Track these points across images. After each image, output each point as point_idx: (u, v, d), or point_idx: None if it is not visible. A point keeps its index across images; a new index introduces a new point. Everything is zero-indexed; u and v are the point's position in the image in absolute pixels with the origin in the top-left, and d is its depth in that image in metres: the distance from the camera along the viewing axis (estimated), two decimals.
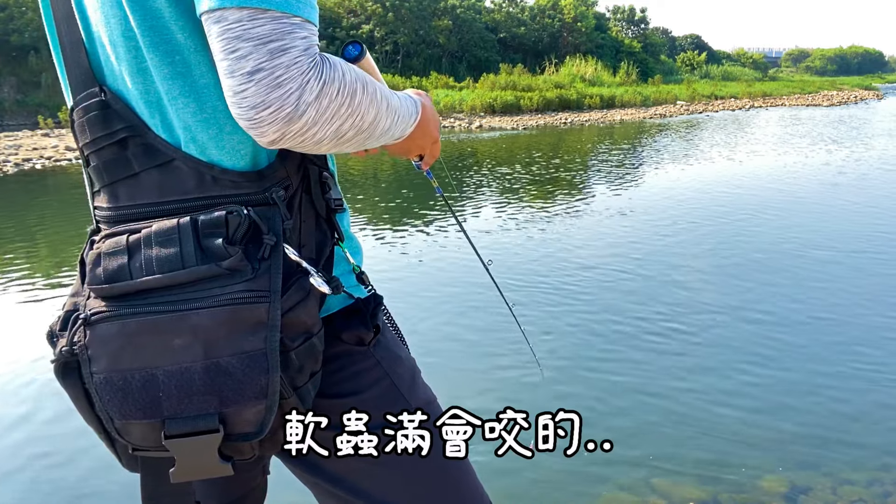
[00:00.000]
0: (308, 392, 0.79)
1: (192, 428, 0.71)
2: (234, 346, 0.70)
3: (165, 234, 0.72)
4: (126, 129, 0.77)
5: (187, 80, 0.74)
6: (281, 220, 0.76)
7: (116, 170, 0.78)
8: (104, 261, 0.73)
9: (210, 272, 0.71)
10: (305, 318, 0.76)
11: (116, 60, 0.77)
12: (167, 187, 0.76)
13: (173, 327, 0.70)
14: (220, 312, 0.70)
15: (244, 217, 0.73)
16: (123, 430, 0.73)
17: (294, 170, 0.81)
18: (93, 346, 0.71)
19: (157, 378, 0.70)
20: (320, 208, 0.86)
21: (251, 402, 0.72)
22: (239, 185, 0.76)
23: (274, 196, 0.76)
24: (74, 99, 0.80)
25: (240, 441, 0.74)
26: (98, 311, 0.71)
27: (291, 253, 0.76)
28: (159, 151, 0.76)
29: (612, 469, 2.64)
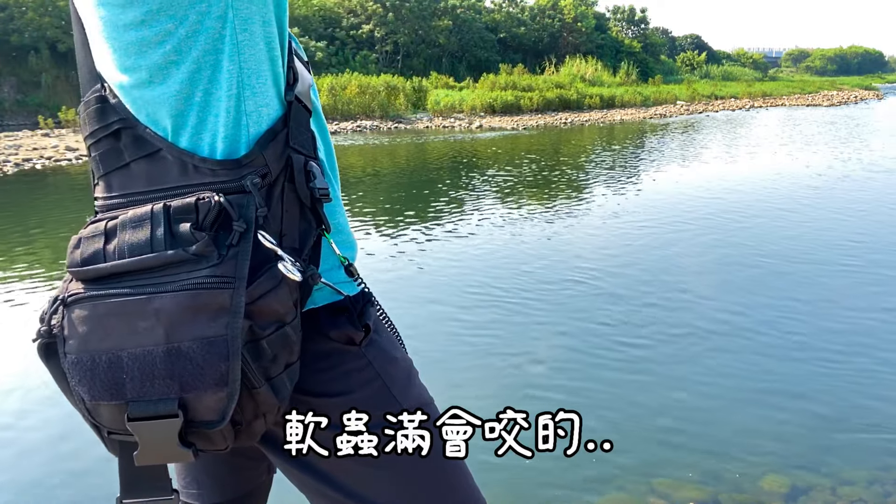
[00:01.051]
0: (283, 383, 0.78)
1: (153, 412, 0.72)
2: (196, 331, 0.71)
3: (139, 220, 0.74)
4: (119, 121, 0.79)
5: (179, 67, 0.76)
6: (255, 207, 0.76)
7: (110, 161, 0.80)
8: (83, 244, 0.75)
9: (177, 257, 0.72)
10: (277, 307, 0.76)
11: (101, 38, 0.79)
12: (154, 177, 0.78)
13: (138, 310, 0.71)
14: (183, 297, 0.71)
15: (214, 203, 0.74)
16: (94, 412, 0.75)
17: (274, 158, 0.81)
18: (67, 327, 0.73)
19: (121, 360, 0.71)
20: (304, 197, 0.85)
21: (211, 389, 0.72)
22: (216, 173, 0.77)
23: (249, 183, 0.77)
24: (83, 96, 0.83)
25: (203, 428, 0.74)
26: (74, 293, 0.73)
27: (267, 241, 0.75)
28: (147, 142, 0.78)
29: (612, 469, 2.64)
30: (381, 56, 27.50)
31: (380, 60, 27.33)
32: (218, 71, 0.77)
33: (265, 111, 0.81)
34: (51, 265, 5.62)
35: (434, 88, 23.45)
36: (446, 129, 18.25)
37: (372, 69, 24.99)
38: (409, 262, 5.59)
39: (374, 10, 27.33)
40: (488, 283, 4.97)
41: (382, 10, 27.45)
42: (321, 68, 23.49)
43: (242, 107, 0.79)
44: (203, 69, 0.76)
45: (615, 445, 1.05)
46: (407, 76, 24.89)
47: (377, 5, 27.41)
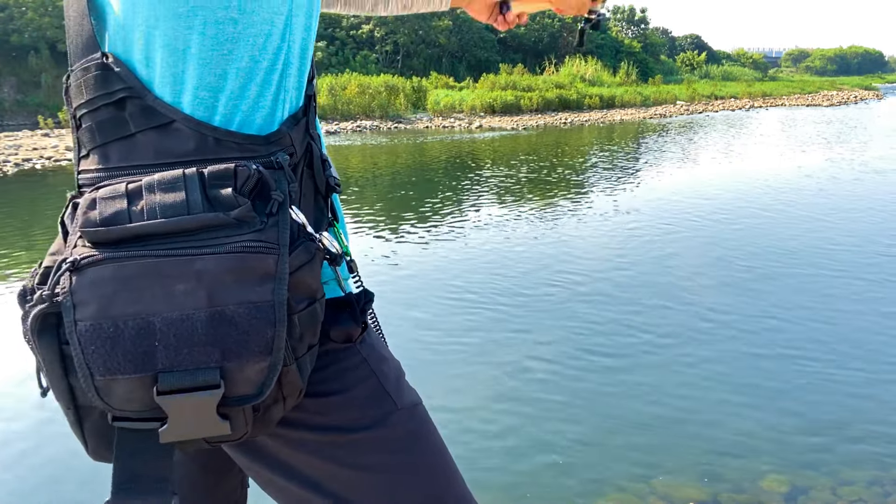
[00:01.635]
0: (306, 365, 0.76)
1: (191, 382, 0.66)
2: (241, 294, 0.67)
3: (170, 182, 0.69)
4: (125, 89, 0.75)
5: (237, 27, 0.75)
6: (287, 182, 0.74)
7: (111, 130, 0.76)
8: (100, 205, 0.69)
9: (217, 220, 0.68)
10: (310, 281, 0.74)
11: (136, 12, 0.75)
12: (164, 149, 0.74)
13: (177, 271, 0.66)
14: (228, 259, 0.67)
15: (253, 171, 0.71)
16: (104, 390, 0.66)
17: (299, 140, 0.81)
18: (80, 291, 0.65)
19: (153, 326, 0.65)
20: (320, 184, 0.85)
21: (255, 358, 0.68)
22: (244, 147, 0.76)
23: (280, 160, 0.76)
24: (71, 66, 0.79)
25: (237, 405, 0.69)
26: (89, 255, 0.66)
27: (298, 215, 0.74)
28: (157, 112, 0.75)
29: (612, 469, 2.64)
30: (381, 56, 27.50)
31: (380, 60, 27.34)
32: (270, 46, 0.77)
33: (295, 95, 0.81)
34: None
35: (434, 88, 23.45)
36: (446, 129, 18.26)
37: (372, 69, 24.99)
38: (407, 262, 5.59)
39: None
40: (487, 283, 4.97)
41: None
42: (321, 68, 23.51)
43: (284, 83, 0.79)
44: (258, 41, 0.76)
45: (615, 445, 1.04)
46: (407, 76, 24.89)
47: None
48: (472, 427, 2.93)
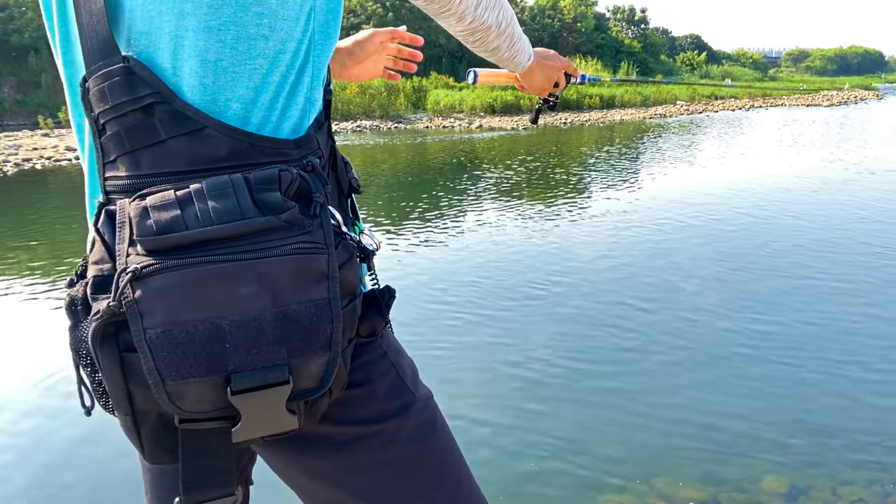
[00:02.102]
0: (347, 358, 0.80)
1: (262, 381, 0.69)
2: (301, 294, 0.70)
3: (219, 188, 0.71)
4: (152, 94, 0.75)
5: (269, 44, 0.77)
6: (322, 183, 0.77)
7: (140, 136, 0.76)
8: (154, 213, 0.70)
9: (270, 224, 0.70)
10: (352, 278, 0.77)
11: (168, 18, 0.76)
12: (197, 155, 0.75)
13: (240, 275, 0.68)
14: (287, 261, 0.70)
15: (295, 175, 0.74)
16: (176, 395, 0.68)
17: (324, 143, 0.85)
18: (146, 300, 0.66)
19: (222, 329, 0.67)
20: (344, 185, 0.89)
21: (317, 353, 0.71)
22: (278, 151, 0.78)
23: (311, 162, 0.78)
24: (88, 69, 0.78)
25: (301, 398, 0.73)
26: (149, 264, 0.67)
27: (336, 214, 0.77)
28: (188, 118, 0.75)
29: (612, 469, 2.64)
30: None
31: None
32: (298, 60, 0.80)
33: (319, 100, 0.85)
34: (51, 265, 5.62)
35: (434, 88, 23.46)
36: (446, 129, 18.26)
37: None
38: (406, 262, 5.59)
39: (373, 10, 27.34)
40: (486, 282, 4.97)
41: (382, 10, 27.45)
42: None
43: (312, 94, 0.83)
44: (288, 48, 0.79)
45: (615, 445, 1.05)
46: (407, 76, 24.88)
47: (377, 5, 27.42)
48: (471, 427, 2.93)
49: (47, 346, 3.75)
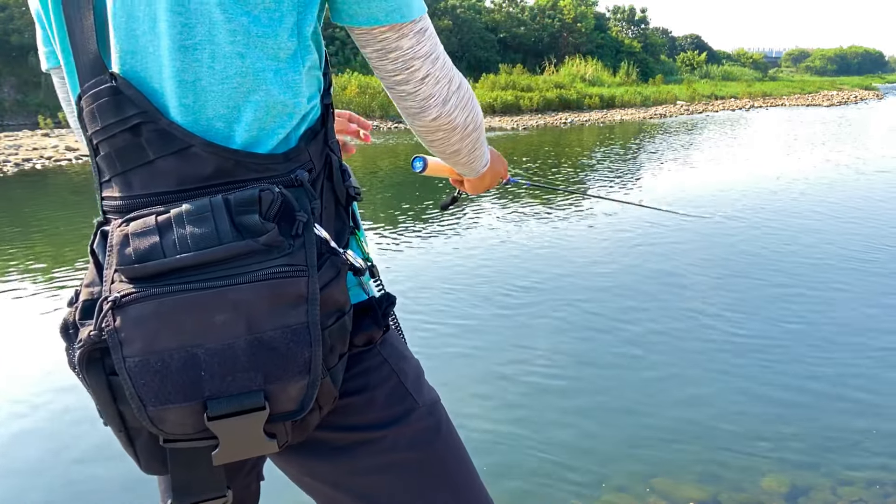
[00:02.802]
0: (338, 374, 0.79)
1: (238, 407, 0.70)
2: (277, 320, 0.70)
3: (198, 213, 0.71)
4: (139, 114, 0.76)
5: (245, 61, 0.75)
6: (308, 199, 0.76)
7: (130, 157, 0.77)
8: (133, 241, 0.71)
9: (247, 248, 0.70)
10: (338, 296, 0.76)
11: (148, 38, 0.76)
12: (185, 175, 0.76)
13: (214, 303, 0.68)
14: (262, 287, 0.69)
15: (276, 195, 0.73)
16: (157, 419, 0.70)
17: (317, 154, 0.83)
18: (125, 329, 0.67)
19: (198, 357, 0.68)
20: (341, 195, 0.87)
21: (295, 378, 0.71)
22: (264, 167, 0.77)
23: (299, 177, 0.77)
24: (82, 87, 0.78)
25: (281, 420, 0.73)
26: (128, 292, 0.68)
27: (321, 231, 0.76)
28: (175, 138, 0.75)
29: (612, 469, 2.64)
30: None
31: None
32: (282, 76, 0.78)
33: (311, 110, 0.83)
34: (51, 265, 5.61)
35: None
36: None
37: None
38: (406, 262, 5.59)
39: None
40: (486, 282, 4.97)
41: None
42: None
43: (298, 106, 0.80)
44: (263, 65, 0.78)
45: (615, 445, 1.05)
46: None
47: None
48: (470, 427, 2.94)
49: (47, 346, 3.75)
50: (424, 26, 0.83)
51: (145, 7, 0.75)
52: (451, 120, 0.89)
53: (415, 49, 0.83)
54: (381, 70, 0.85)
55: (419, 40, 0.83)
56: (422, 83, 0.85)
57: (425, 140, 0.93)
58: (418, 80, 0.84)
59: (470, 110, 0.92)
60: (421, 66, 0.83)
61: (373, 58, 0.84)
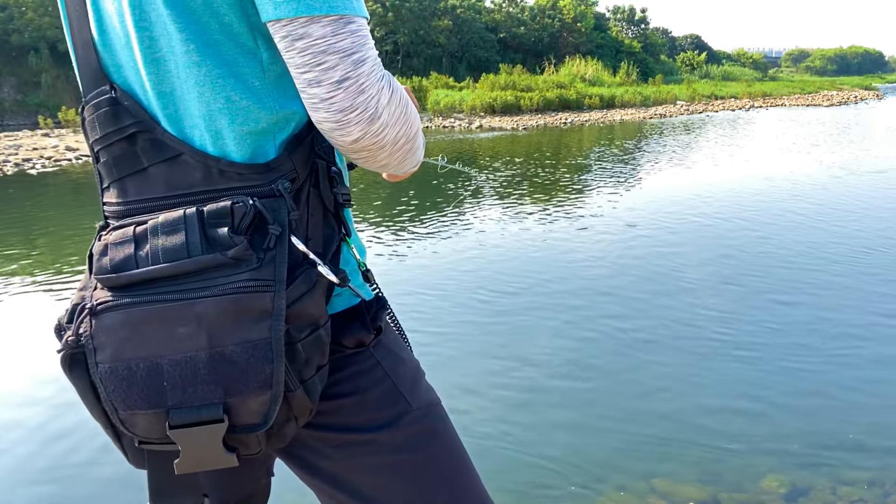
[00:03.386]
0: (315, 386, 0.79)
1: (197, 418, 0.71)
2: (239, 335, 0.70)
3: (171, 225, 0.72)
4: (135, 124, 0.78)
5: (202, 70, 0.75)
6: (287, 211, 0.76)
7: (125, 165, 0.79)
8: (111, 251, 0.73)
9: (215, 261, 0.71)
10: (312, 310, 0.76)
11: (126, 53, 0.79)
12: (174, 181, 0.77)
13: (178, 316, 0.70)
14: (225, 301, 0.70)
15: (249, 207, 0.73)
16: (128, 422, 0.73)
17: (302, 163, 0.81)
18: (98, 335, 0.70)
19: (161, 367, 0.70)
20: (328, 202, 0.85)
21: (255, 392, 0.71)
22: (245, 177, 0.77)
23: (280, 188, 0.77)
24: (85, 97, 0.82)
25: (245, 433, 0.74)
26: (104, 300, 0.71)
27: (298, 244, 0.76)
28: (167, 146, 0.77)
29: (612, 469, 2.64)
30: (381, 56, 27.46)
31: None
32: (248, 83, 0.78)
33: (294, 116, 0.81)
34: (51, 265, 5.61)
35: (434, 88, 23.45)
36: (446, 129, 18.26)
37: None
38: (405, 262, 5.59)
39: (373, 10, 27.33)
40: (486, 282, 4.97)
41: (382, 9, 27.45)
42: None
43: (275, 113, 0.79)
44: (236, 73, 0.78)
45: (615, 445, 1.05)
46: (407, 76, 24.90)
47: (377, 5, 27.41)
48: (470, 427, 2.94)
49: (47, 346, 3.75)
50: (349, 22, 0.73)
51: (119, 24, 0.78)
52: (379, 141, 0.77)
53: (328, 41, 0.72)
54: (290, 66, 0.74)
55: (335, 31, 0.72)
56: (338, 88, 0.72)
57: (350, 155, 0.81)
58: (333, 82, 0.72)
59: (403, 122, 0.79)
60: (337, 63, 0.72)
61: (282, 50, 0.74)
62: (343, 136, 0.75)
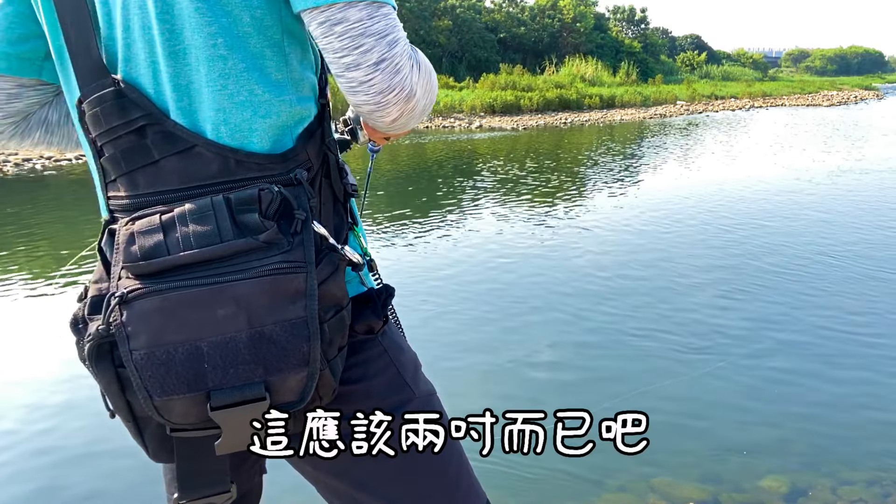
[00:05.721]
0: (337, 366, 0.81)
1: (240, 397, 0.73)
2: (277, 314, 0.72)
3: (200, 211, 0.74)
4: (144, 117, 0.78)
5: (227, 63, 0.77)
6: (307, 198, 0.79)
7: (135, 158, 0.79)
8: (139, 239, 0.73)
9: (247, 245, 0.73)
10: (336, 291, 0.79)
11: (141, 45, 0.78)
12: (189, 173, 0.78)
13: (216, 298, 0.71)
14: (262, 283, 0.72)
15: (275, 194, 0.76)
16: (163, 409, 0.73)
17: (314, 154, 0.85)
18: (131, 323, 0.71)
19: (201, 350, 0.71)
20: (338, 192, 0.90)
21: (294, 370, 0.74)
22: (264, 167, 0.79)
23: (299, 176, 0.80)
24: (82, 91, 0.81)
25: (283, 410, 0.76)
26: (134, 288, 0.71)
27: (320, 229, 0.78)
28: (179, 138, 0.78)
29: (612, 469, 2.64)
30: None
31: None
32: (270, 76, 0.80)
33: (306, 109, 0.84)
34: (50, 265, 5.61)
35: None
36: (446, 129, 18.25)
37: None
38: (405, 262, 5.59)
39: None
40: (486, 282, 4.97)
41: None
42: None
43: (292, 106, 0.82)
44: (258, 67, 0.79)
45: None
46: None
47: None
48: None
49: (46, 346, 3.75)
50: (381, 6, 0.76)
51: (139, 16, 0.77)
52: (413, 116, 0.81)
53: (365, 24, 0.75)
54: (327, 52, 0.76)
55: (370, 14, 0.75)
56: (375, 70, 0.75)
57: (375, 125, 0.82)
58: (370, 64, 0.75)
59: (429, 91, 0.83)
60: (374, 45, 0.75)
61: (318, 37, 0.76)
62: (383, 116, 0.79)
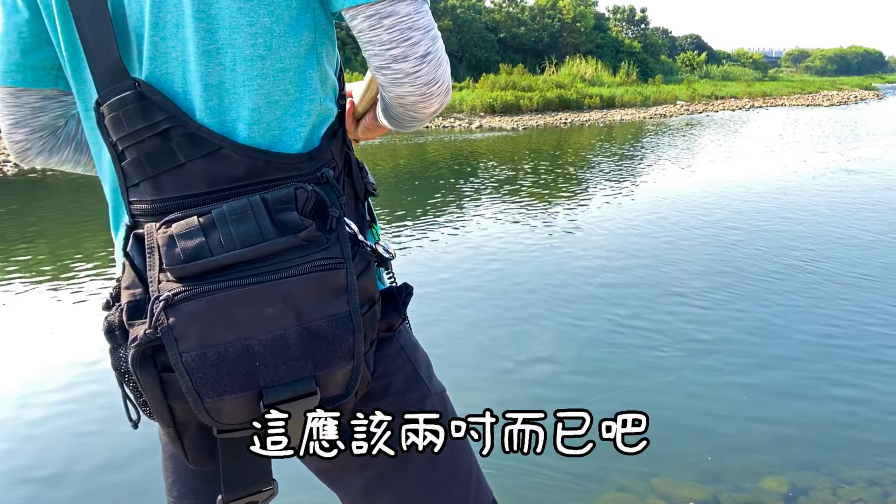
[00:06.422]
0: (370, 359, 0.83)
1: (292, 393, 0.73)
2: (323, 310, 0.74)
3: (239, 212, 0.74)
4: (167, 119, 0.77)
5: (266, 63, 0.78)
6: (336, 196, 0.80)
7: (160, 161, 0.79)
8: (180, 242, 0.73)
9: (289, 244, 0.74)
10: (370, 286, 0.80)
11: (172, 44, 0.77)
12: (216, 176, 0.78)
13: (263, 297, 0.72)
14: (307, 279, 0.73)
15: (310, 192, 0.77)
16: (214, 410, 0.73)
17: (338, 152, 0.87)
18: (180, 325, 0.70)
19: (252, 348, 0.72)
20: (360, 191, 0.91)
21: (341, 364, 0.75)
22: (293, 166, 0.80)
23: (326, 175, 0.81)
24: (100, 93, 0.79)
25: (329, 405, 0.77)
26: (180, 291, 0.71)
27: (352, 225, 0.81)
28: (204, 140, 0.78)
29: (612, 469, 2.64)
30: None
31: None
32: (302, 77, 0.81)
33: (330, 111, 0.86)
34: (50, 266, 5.61)
35: None
36: (446, 129, 18.26)
37: None
38: (405, 261, 5.59)
39: None
40: (486, 282, 4.97)
41: None
42: None
43: (319, 106, 0.84)
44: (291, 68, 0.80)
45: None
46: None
47: None
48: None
49: (46, 346, 3.75)
50: (424, 2, 0.80)
51: (173, 14, 0.76)
52: (442, 108, 0.85)
53: (413, 18, 0.77)
54: (374, 44, 0.78)
55: (417, 9, 0.77)
56: (422, 62, 0.78)
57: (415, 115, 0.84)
58: (418, 56, 0.78)
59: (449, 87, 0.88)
60: (421, 38, 0.77)
61: (365, 30, 0.78)
62: (425, 108, 0.81)
